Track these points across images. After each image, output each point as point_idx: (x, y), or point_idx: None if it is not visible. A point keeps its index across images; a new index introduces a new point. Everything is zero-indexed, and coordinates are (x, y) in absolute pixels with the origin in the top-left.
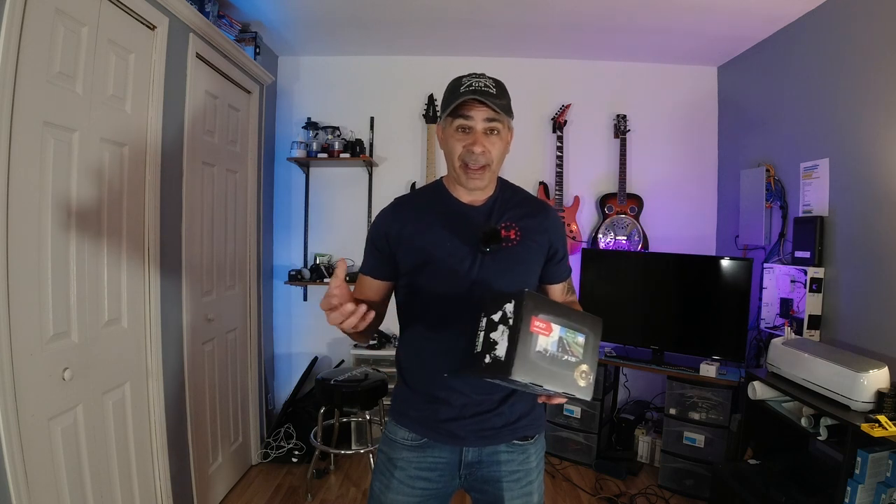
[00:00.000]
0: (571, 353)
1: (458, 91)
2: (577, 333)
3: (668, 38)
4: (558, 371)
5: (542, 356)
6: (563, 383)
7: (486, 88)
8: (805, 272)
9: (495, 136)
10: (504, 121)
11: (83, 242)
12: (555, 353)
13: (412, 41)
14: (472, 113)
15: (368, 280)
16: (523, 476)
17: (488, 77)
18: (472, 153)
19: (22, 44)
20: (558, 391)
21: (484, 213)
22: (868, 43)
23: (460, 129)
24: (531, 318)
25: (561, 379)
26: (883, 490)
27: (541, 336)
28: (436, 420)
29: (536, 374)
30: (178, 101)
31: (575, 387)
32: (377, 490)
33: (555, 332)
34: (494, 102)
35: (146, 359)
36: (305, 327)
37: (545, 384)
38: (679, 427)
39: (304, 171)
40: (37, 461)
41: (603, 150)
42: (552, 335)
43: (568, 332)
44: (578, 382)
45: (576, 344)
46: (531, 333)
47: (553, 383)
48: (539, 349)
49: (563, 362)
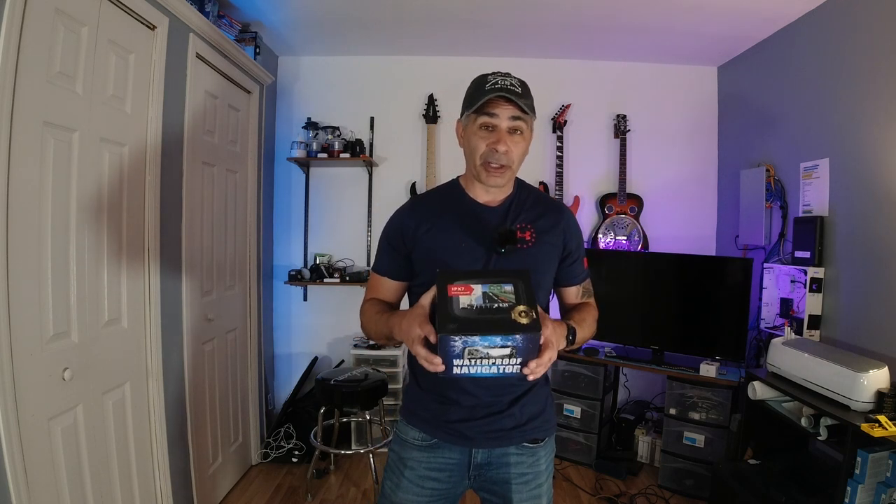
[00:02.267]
0: (501, 301)
1: (484, 88)
2: (502, 284)
3: (668, 38)
4: (492, 317)
5: (468, 311)
6: (503, 326)
7: (513, 87)
8: (805, 272)
9: (518, 135)
10: (528, 121)
11: (83, 242)
12: (482, 304)
13: (412, 41)
14: (497, 111)
15: (384, 281)
16: (532, 479)
17: (514, 76)
18: (496, 152)
19: (22, 44)
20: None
21: (500, 214)
22: (868, 43)
23: (484, 126)
24: (446, 286)
25: (499, 324)
26: (883, 490)
27: (461, 296)
28: (446, 420)
29: (466, 325)
30: (178, 101)
31: (517, 326)
32: (388, 489)
33: (476, 290)
34: (521, 101)
35: (146, 359)
36: (305, 327)
37: (481, 332)
38: (679, 427)
39: (304, 171)
40: (37, 461)
41: (603, 150)
42: (474, 293)
43: (492, 286)
44: (520, 321)
45: (504, 293)
46: (450, 297)
47: (490, 328)
48: (463, 306)
49: (496, 309)
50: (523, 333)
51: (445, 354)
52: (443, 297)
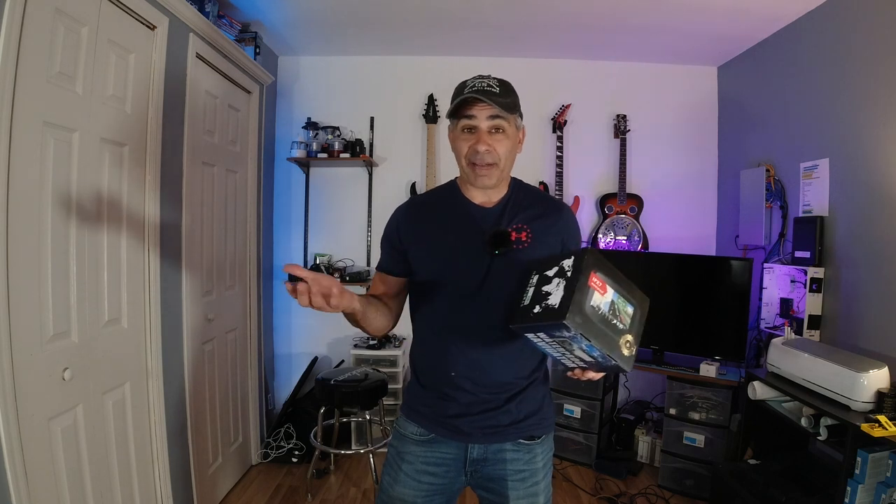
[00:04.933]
0: (620, 320)
1: (462, 93)
2: (627, 303)
3: (668, 38)
4: (607, 331)
5: (594, 312)
6: (609, 345)
7: (489, 88)
8: (805, 272)
9: (500, 134)
10: (509, 119)
11: (83, 242)
12: (606, 313)
13: (412, 41)
14: (474, 112)
15: (385, 277)
16: (529, 476)
17: (493, 77)
18: (477, 152)
19: (22, 44)
20: (604, 351)
21: (495, 215)
22: (868, 43)
23: (466, 129)
24: (590, 272)
25: (608, 341)
26: (883, 490)
27: (596, 292)
28: (443, 416)
29: (587, 327)
30: (178, 101)
31: (618, 353)
32: (386, 483)
33: (609, 293)
34: (496, 100)
35: (146, 359)
36: (305, 327)
37: (593, 340)
38: (679, 427)
39: (304, 171)
40: (37, 461)
41: (603, 150)
42: (606, 295)
43: (620, 298)
44: (622, 350)
45: (625, 313)
46: (588, 287)
47: (600, 342)
48: (593, 304)
49: (613, 325)
50: (615, 363)
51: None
52: (583, 281)
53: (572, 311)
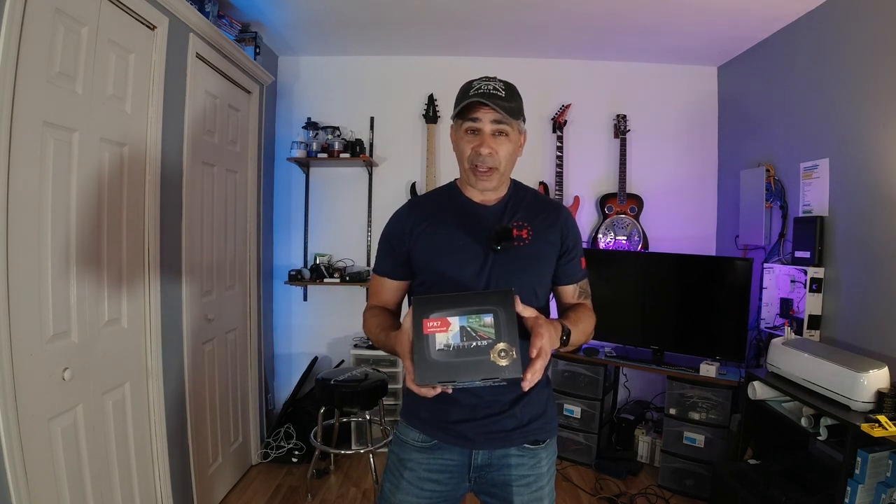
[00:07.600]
0: (480, 338)
1: (468, 94)
2: (481, 316)
3: (668, 38)
4: (471, 359)
5: (445, 353)
6: (482, 370)
7: (495, 91)
8: (805, 272)
9: (503, 137)
10: (513, 123)
11: (83, 242)
12: (459, 344)
13: (412, 41)
14: (479, 115)
15: (386, 281)
16: (534, 481)
17: (499, 80)
18: (480, 154)
19: (22, 44)
20: (478, 379)
21: (496, 213)
22: (868, 43)
23: (469, 131)
24: (422, 321)
25: (477, 367)
26: (883, 490)
27: (438, 334)
28: (446, 421)
29: (442, 372)
30: (178, 101)
31: (496, 368)
32: (387, 491)
33: (454, 324)
34: (501, 105)
35: (146, 359)
36: (305, 327)
37: (459, 378)
38: (679, 427)
39: (304, 171)
40: (37, 461)
41: (603, 150)
42: (451, 329)
43: (470, 318)
44: (499, 363)
45: (483, 327)
46: (425, 336)
47: (470, 374)
48: (440, 347)
49: (474, 349)
50: (503, 377)
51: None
52: (419, 336)
53: (419, 371)
